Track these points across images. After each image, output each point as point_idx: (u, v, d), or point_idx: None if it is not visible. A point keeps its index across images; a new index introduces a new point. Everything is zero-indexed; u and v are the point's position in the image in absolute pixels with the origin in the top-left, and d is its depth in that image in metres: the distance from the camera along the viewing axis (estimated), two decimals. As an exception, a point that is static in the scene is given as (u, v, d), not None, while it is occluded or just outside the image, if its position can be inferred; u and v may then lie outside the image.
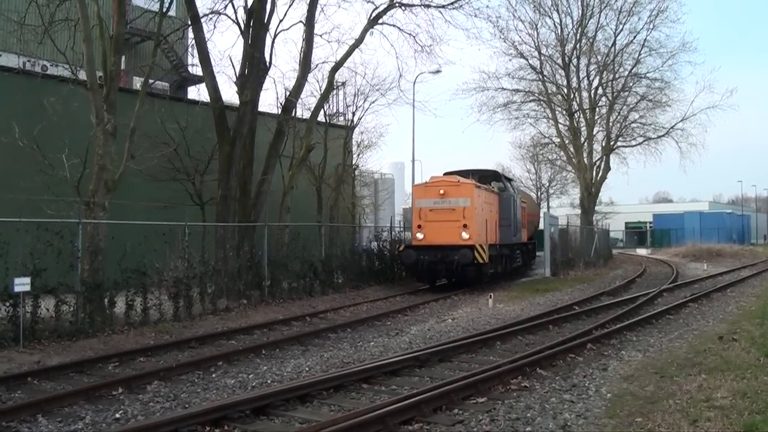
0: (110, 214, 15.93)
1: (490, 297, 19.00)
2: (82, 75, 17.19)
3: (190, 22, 21.48)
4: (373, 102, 32.46)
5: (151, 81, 19.51)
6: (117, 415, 7.98)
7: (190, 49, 31.05)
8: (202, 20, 21.04)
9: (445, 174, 25.29)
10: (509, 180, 29.50)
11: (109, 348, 12.50)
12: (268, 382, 9.68)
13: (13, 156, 18.56)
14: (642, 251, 59.78)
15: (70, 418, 7.90)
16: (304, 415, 7.76)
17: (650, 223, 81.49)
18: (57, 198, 16.71)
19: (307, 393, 8.54)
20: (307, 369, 10.50)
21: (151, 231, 16.10)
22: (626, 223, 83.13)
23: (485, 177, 26.57)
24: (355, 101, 31.69)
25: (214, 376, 10.20)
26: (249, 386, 9.43)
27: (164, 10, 19.02)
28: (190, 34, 24.02)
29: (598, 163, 45.00)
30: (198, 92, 35.25)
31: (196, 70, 29.66)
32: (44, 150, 17.72)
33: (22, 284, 12.23)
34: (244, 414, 7.73)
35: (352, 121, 31.95)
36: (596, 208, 49.47)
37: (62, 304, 13.50)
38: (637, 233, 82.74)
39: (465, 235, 21.63)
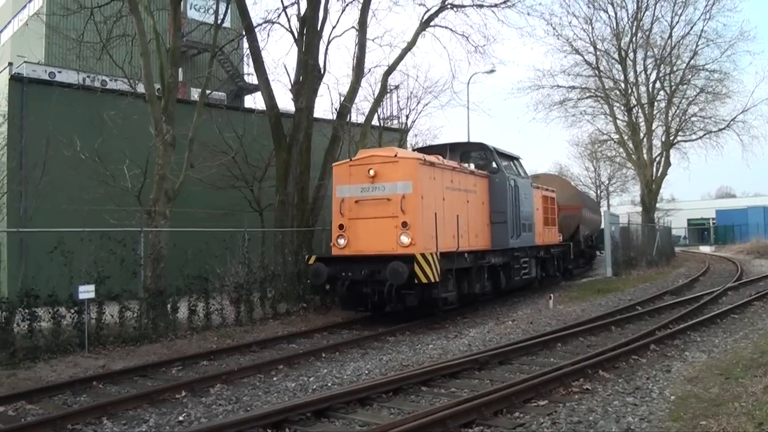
0: (171, 222, 16.27)
1: (550, 298, 18.77)
2: (141, 88, 17.61)
3: (244, 33, 21.81)
4: (427, 104, 32.46)
5: (208, 91, 19.85)
6: (180, 418, 8.14)
7: (245, 59, 31.59)
8: (257, 30, 21.35)
9: (416, 149, 19.81)
10: (512, 158, 20.73)
11: (173, 352, 12.75)
12: (329, 385, 9.73)
13: (76, 169, 19.11)
14: (705, 248, 58.37)
15: (134, 421, 8.07)
16: (365, 418, 7.78)
17: (713, 219, 79.52)
18: (119, 208, 17.20)
19: (367, 396, 8.55)
20: (366, 372, 10.53)
21: (211, 237, 16.42)
22: (688, 219, 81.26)
23: (469, 153, 19.94)
24: (409, 104, 31.68)
25: (275, 379, 10.31)
26: (310, 389, 9.49)
27: (219, 21, 19.35)
28: (245, 44, 24.35)
29: (658, 159, 44.15)
30: (254, 101, 35.95)
31: (252, 79, 30.11)
32: (105, 162, 18.23)
33: (86, 291, 12.60)
34: (305, 417, 7.80)
35: (406, 124, 31.96)
36: (657, 205, 48.52)
37: (126, 310, 13.88)
38: (699, 230, 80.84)
39: (405, 239, 14.76)
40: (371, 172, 15.24)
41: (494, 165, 19.04)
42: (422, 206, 15.07)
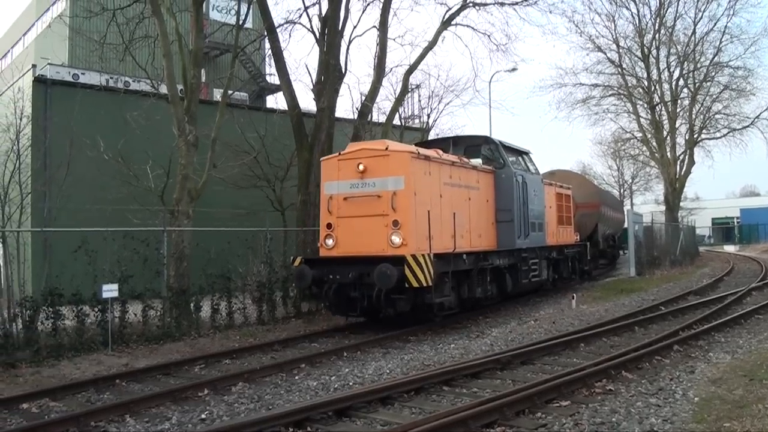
0: (194, 222, 16.38)
1: (573, 298, 18.66)
2: (163, 89, 17.75)
3: (266, 33, 21.89)
4: (448, 103, 32.40)
5: (230, 92, 19.96)
6: (203, 416, 8.17)
7: (267, 59, 31.73)
8: (278, 30, 21.43)
9: (416, 144, 17.97)
10: (520, 153, 19.37)
11: (195, 351, 12.84)
12: (350, 384, 9.74)
13: (100, 169, 19.32)
14: (729, 248, 57.78)
15: (157, 419, 8.13)
16: (386, 417, 7.77)
17: (737, 218, 78.72)
18: (142, 207, 17.34)
19: (388, 395, 8.54)
20: (387, 371, 10.51)
21: (234, 237, 16.50)
22: (713, 218, 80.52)
23: (473, 147, 18.22)
24: (430, 103, 31.69)
25: (297, 378, 10.33)
26: (331, 388, 9.50)
27: (241, 22, 19.45)
28: (267, 45, 24.48)
29: (681, 157, 43.90)
30: (276, 101, 36.09)
31: (274, 79, 30.21)
32: (129, 162, 18.42)
33: (110, 290, 12.74)
34: (326, 415, 7.80)
35: (428, 123, 31.94)
36: (681, 204, 48.16)
37: (149, 309, 14.03)
38: (724, 229, 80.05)
39: (396, 240, 13.58)
40: (360, 167, 14.01)
41: (500, 159, 17.63)
42: (415, 203, 13.81)
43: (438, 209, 14.54)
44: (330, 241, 14.46)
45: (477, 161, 17.39)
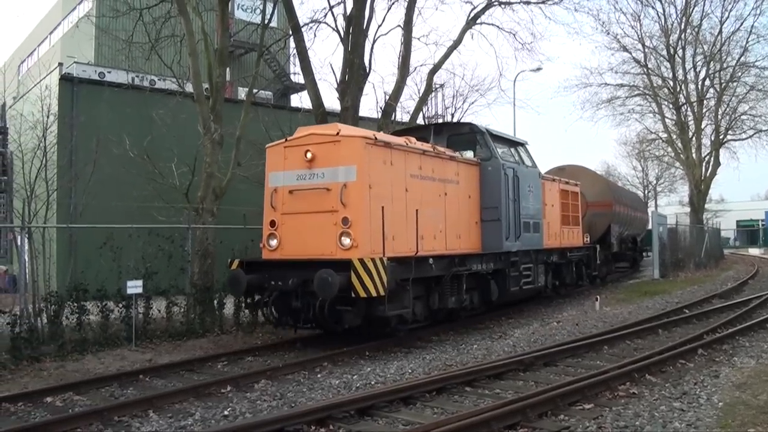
0: (218, 219, 16.47)
1: (597, 299, 18.56)
2: (189, 87, 17.88)
3: (291, 32, 21.93)
4: (473, 103, 32.29)
5: (255, 91, 20.04)
6: (225, 412, 8.20)
7: (291, 58, 31.87)
8: (303, 29, 21.40)
9: (394, 132, 16.46)
10: (513, 143, 17.41)
11: (219, 348, 12.92)
12: (372, 383, 9.74)
13: (125, 166, 19.50)
14: (754, 251, 57.11)
15: (180, 414, 8.18)
16: (408, 417, 7.78)
17: (762, 220, 77.79)
18: (167, 205, 17.47)
19: (410, 395, 8.54)
20: (410, 371, 10.51)
21: (257, 235, 16.55)
22: (737, 221, 79.66)
23: (457, 135, 16.32)
24: (454, 103, 31.61)
25: (319, 376, 10.36)
26: (353, 387, 9.52)
27: (266, 21, 19.52)
28: (292, 44, 24.54)
29: (707, 159, 43.47)
30: (300, 100, 36.26)
31: (298, 78, 30.29)
32: (154, 160, 18.54)
33: (134, 287, 12.84)
34: (348, 414, 7.81)
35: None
36: (706, 205, 47.70)
37: (173, 306, 14.16)
38: (749, 231, 79.16)
39: (346, 241, 11.63)
40: (308, 155, 12.13)
41: (488, 150, 15.50)
42: (369, 198, 11.86)
43: (401, 205, 12.67)
44: (273, 242, 12.71)
45: (468, 153, 15.78)
